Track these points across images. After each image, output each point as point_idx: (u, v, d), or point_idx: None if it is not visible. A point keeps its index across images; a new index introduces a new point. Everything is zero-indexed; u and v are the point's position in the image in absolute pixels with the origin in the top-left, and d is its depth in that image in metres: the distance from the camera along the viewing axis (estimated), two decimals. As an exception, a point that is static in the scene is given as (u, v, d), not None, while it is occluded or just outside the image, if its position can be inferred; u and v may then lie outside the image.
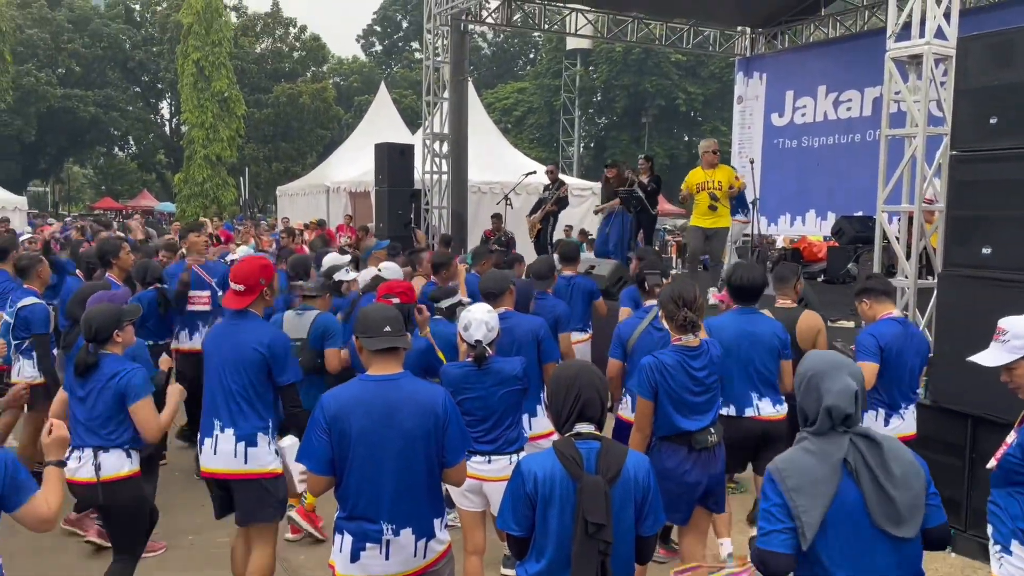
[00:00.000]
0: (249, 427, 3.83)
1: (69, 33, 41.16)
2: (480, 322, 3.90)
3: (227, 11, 37.17)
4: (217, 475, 3.89)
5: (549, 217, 11.73)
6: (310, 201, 22.36)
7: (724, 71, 40.83)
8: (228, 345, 3.88)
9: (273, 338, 3.90)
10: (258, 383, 3.84)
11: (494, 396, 3.90)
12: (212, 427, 3.86)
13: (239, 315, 3.93)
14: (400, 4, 56.02)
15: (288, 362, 3.88)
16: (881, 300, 4.67)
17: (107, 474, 3.85)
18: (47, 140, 41.43)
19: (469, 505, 4.03)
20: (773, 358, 4.47)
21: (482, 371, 3.88)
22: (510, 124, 44.00)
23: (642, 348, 4.75)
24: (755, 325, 4.50)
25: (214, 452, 3.85)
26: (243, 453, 3.81)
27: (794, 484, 2.34)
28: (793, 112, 15.20)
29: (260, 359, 3.81)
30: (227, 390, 3.83)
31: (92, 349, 3.89)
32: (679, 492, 3.74)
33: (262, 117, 41.15)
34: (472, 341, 3.89)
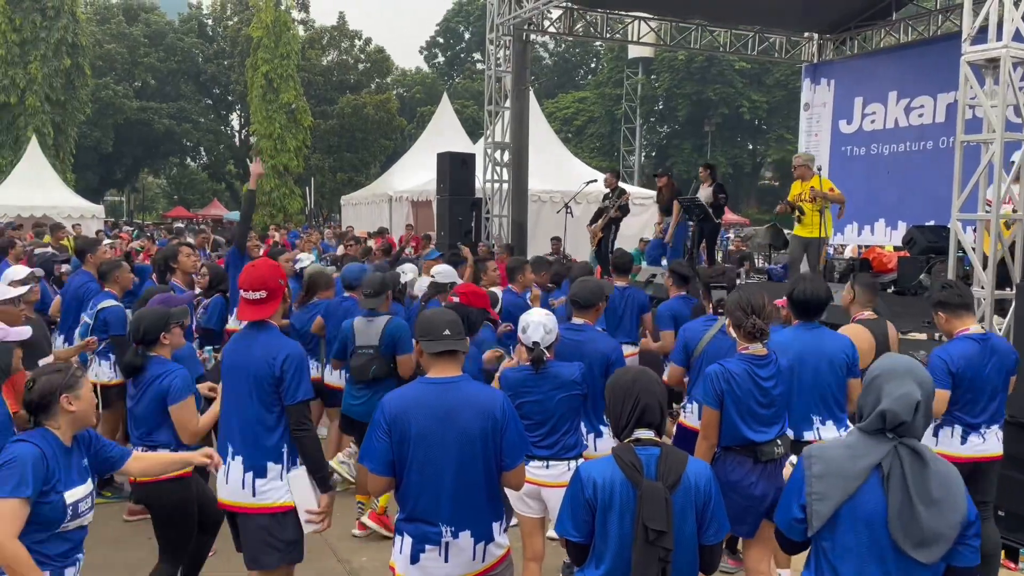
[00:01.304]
0: (260, 455, 3.44)
1: (145, 47, 42.73)
2: (538, 324, 3.86)
3: (295, 24, 38.10)
4: (227, 507, 3.54)
5: (611, 226, 11.66)
6: (373, 210, 22.72)
7: (790, 78, 40.13)
8: (243, 361, 3.49)
9: (290, 352, 3.46)
10: (274, 403, 3.44)
11: (552, 400, 3.86)
12: (226, 453, 3.50)
13: (256, 327, 3.53)
14: (463, 16, 56.62)
15: (302, 379, 3.44)
16: (959, 314, 4.36)
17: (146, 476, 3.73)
18: (123, 151, 43.02)
19: (527, 511, 4.00)
20: (841, 377, 4.23)
21: (540, 375, 3.86)
22: (570, 133, 44.00)
23: (710, 355, 4.69)
24: (822, 341, 4.26)
25: (226, 481, 3.49)
26: (251, 484, 3.43)
27: (818, 470, 2.33)
28: (862, 119, 14.81)
29: (273, 376, 3.40)
30: (240, 412, 3.48)
31: (140, 351, 3.92)
32: (745, 505, 3.65)
33: (327, 128, 41.98)
34: (530, 343, 3.84)
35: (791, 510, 2.39)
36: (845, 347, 4.29)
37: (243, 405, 3.47)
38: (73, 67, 32.13)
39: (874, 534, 2.27)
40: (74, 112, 32.99)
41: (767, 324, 3.68)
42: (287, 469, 3.48)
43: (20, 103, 30.27)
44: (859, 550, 2.29)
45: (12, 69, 30.12)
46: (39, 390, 2.80)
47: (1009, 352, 4.41)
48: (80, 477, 2.85)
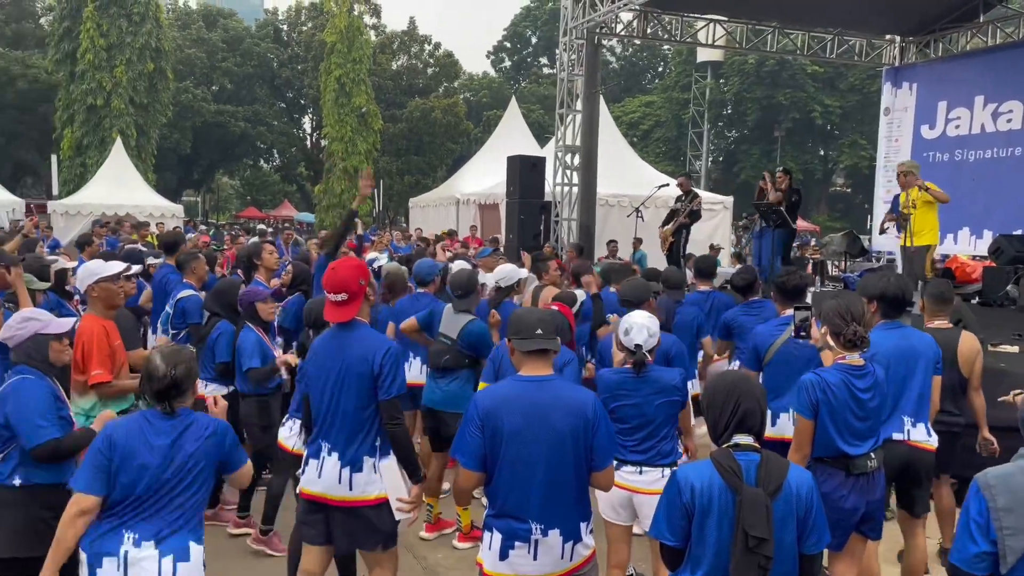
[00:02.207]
0: (356, 450, 3.52)
1: (223, 52, 44.02)
2: (641, 327, 3.82)
3: (367, 30, 38.78)
4: (318, 499, 3.59)
5: (681, 230, 11.54)
6: (440, 212, 22.94)
7: (865, 83, 39.13)
8: (336, 360, 3.53)
9: (389, 348, 3.54)
10: (368, 399, 3.50)
11: (651, 405, 3.81)
12: (319, 449, 3.57)
13: (345, 326, 3.57)
14: (530, 20, 56.79)
15: (397, 375, 3.50)
16: None
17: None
18: (201, 152, 44.39)
19: (616, 518, 3.94)
20: (928, 377, 4.15)
21: (640, 378, 3.80)
22: (636, 138, 43.69)
23: (782, 361, 4.61)
24: (911, 340, 4.17)
25: (318, 475, 3.56)
26: (348, 479, 3.51)
27: (1004, 503, 2.18)
28: (946, 124, 14.33)
29: (370, 373, 3.47)
30: (335, 410, 3.52)
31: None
32: (836, 518, 3.50)
33: (396, 131, 42.56)
34: (632, 346, 3.80)
35: (975, 545, 2.23)
36: (932, 344, 4.22)
37: (338, 402, 3.51)
38: (156, 71, 33.29)
39: None
40: (156, 114, 34.16)
41: (867, 332, 3.58)
42: (379, 461, 3.56)
43: (106, 105, 31.49)
44: None
45: (99, 73, 31.36)
46: (180, 379, 2.92)
47: None
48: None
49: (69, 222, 21.88)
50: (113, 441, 2.84)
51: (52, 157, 28.35)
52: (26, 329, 3.43)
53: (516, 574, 2.96)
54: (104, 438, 2.87)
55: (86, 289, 4.38)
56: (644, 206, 13.26)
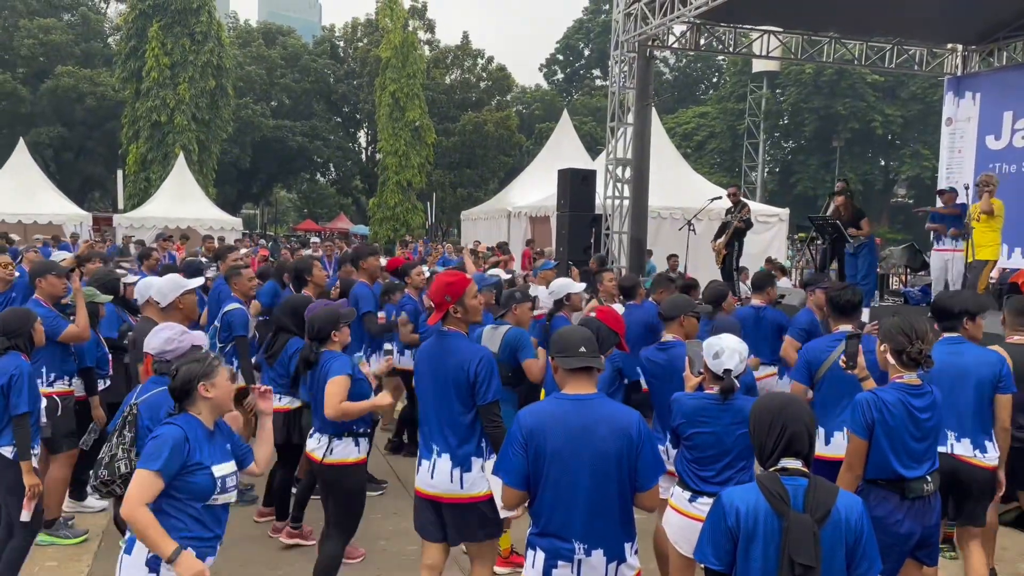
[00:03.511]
0: (464, 452, 3.80)
1: (282, 69, 45.09)
2: (733, 351, 3.63)
3: (421, 45, 39.31)
4: (433, 498, 3.88)
5: (733, 241, 11.38)
6: (492, 225, 23.07)
7: (927, 91, 38.17)
8: (437, 367, 3.84)
9: (481, 357, 3.80)
10: (470, 404, 3.78)
11: (731, 435, 3.59)
12: (430, 450, 3.87)
13: (442, 335, 3.90)
14: (583, 33, 56.86)
15: (493, 381, 3.78)
16: None
17: (336, 458, 4.29)
18: (259, 167, 45.47)
19: (686, 549, 3.69)
20: (981, 394, 4.11)
21: (723, 406, 3.62)
22: (690, 149, 43.31)
23: (835, 378, 4.50)
24: (962, 356, 4.17)
25: (431, 476, 3.85)
26: (459, 478, 3.80)
27: None
28: (1012, 134, 13.87)
29: (467, 380, 3.74)
30: (441, 414, 3.82)
31: (315, 347, 4.36)
32: (890, 543, 3.42)
33: (449, 145, 42.99)
34: (720, 371, 3.62)
35: None
36: (992, 362, 4.18)
37: (444, 407, 3.82)
38: (217, 88, 34.27)
39: None
40: (217, 130, 35.15)
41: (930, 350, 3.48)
42: (485, 461, 3.83)
43: (169, 122, 32.52)
44: None
45: (163, 91, 32.43)
46: (180, 378, 3.04)
47: None
48: (224, 457, 3.10)
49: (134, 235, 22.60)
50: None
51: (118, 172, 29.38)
52: (186, 341, 3.64)
53: (560, 594, 2.93)
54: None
55: (172, 302, 4.55)
56: (696, 219, 13.12)
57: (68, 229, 21.93)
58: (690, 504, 3.66)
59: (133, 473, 3.24)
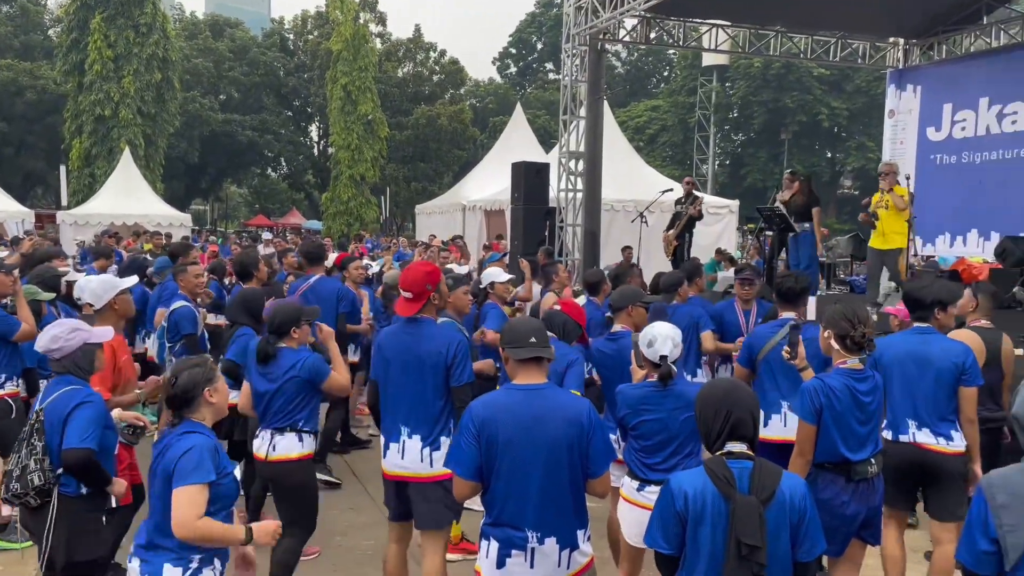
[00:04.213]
0: (435, 431, 3.93)
1: (230, 62, 44.27)
2: (666, 337, 3.69)
3: (373, 38, 38.96)
4: (403, 478, 3.98)
5: (684, 233, 11.51)
6: (447, 219, 22.97)
7: (871, 84, 39.03)
8: (409, 351, 3.94)
9: (459, 341, 3.97)
10: (443, 386, 3.92)
11: (675, 420, 3.64)
12: (399, 432, 3.96)
13: (413, 321, 3.99)
14: (535, 27, 56.92)
15: (467, 364, 3.94)
16: None
17: (279, 455, 4.23)
18: (208, 161, 44.62)
19: (638, 541, 3.70)
20: (944, 385, 4.08)
21: (664, 393, 3.67)
22: (642, 142, 43.66)
23: (772, 362, 4.61)
24: (928, 347, 4.15)
25: (401, 456, 3.95)
26: (429, 457, 3.92)
27: (1003, 500, 2.21)
28: (952, 126, 14.29)
29: (442, 363, 3.88)
30: (411, 396, 3.92)
31: (272, 340, 4.31)
32: (836, 524, 3.53)
33: (402, 138, 42.71)
34: (656, 358, 3.68)
35: (978, 543, 2.26)
36: (956, 353, 4.11)
37: (415, 390, 3.93)
38: (163, 81, 33.51)
39: None
40: (164, 124, 34.37)
41: (872, 334, 3.58)
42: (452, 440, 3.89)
43: (114, 116, 31.70)
44: None
45: (107, 84, 31.59)
46: (184, 385, 2.91)
47: None
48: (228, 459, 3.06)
49: (78, 232, 22.03)
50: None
51: (61, 168, 28.56)
52: (76, 339, 3.49)
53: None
54: None
55: (107, 303, 4.44)
56: (649, 211, 13.25)
57: (10, 227, 21.27)
58: (638, 493, 3.71)
59: (48, 485, 3.20)
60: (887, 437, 4.14)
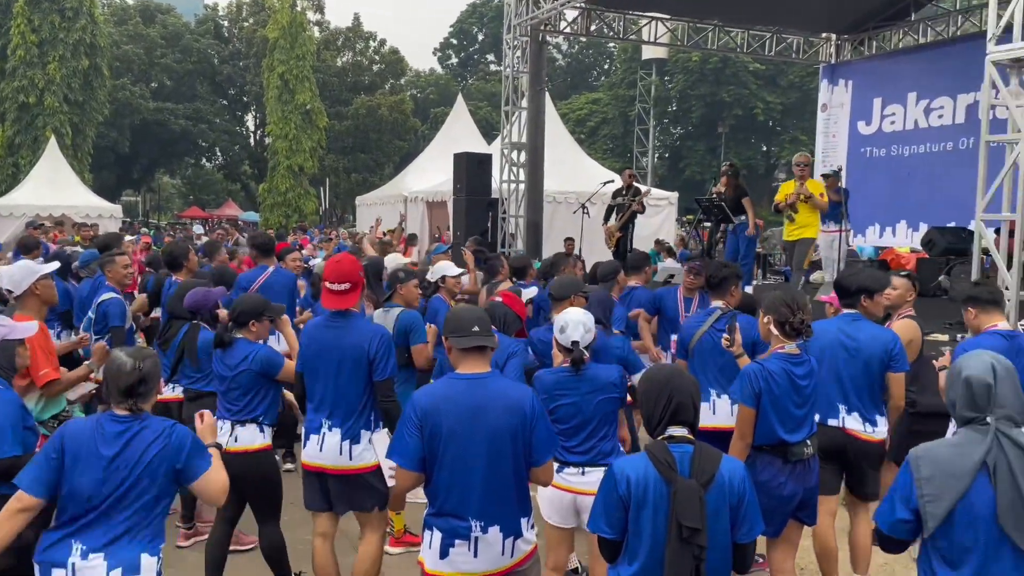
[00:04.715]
0: (356, 425, 3.93)
1: (162, 48, 43.01)
2: (577, 323, 3.72)
3: (311, 26, 38.29)
4: (321, 470, 3.99)
5: (627, 225, 11.61)
6: (388, 210, 22.74)
7: (804, 80, 39.96)
8: (332, 344, 3.92)
9: (383, 335, 3.98)
10: (365, 380, 3.92)
11: (590, 403, 3.71)
12: (320, 425, 3.96)
13: (339, 314, 3.96)
14: (476, 17, 56.73)
15: (391, 358, 3.94)
16: (988, 310, 4.39)
17: (240, 445, 4.19)
18: (140, 151, 43.33)
19: (559, 521, 3.86)
20: (871, 372, 4.18)
21: (578, 377, 3.73)
22: (583, 135, 43.94)
23: (704, 349, 4.69)
24: (858, 333, 4.24)
25: (320, 449, 3.96)
26: (348, 450, 3.92)
27: (927, 473, 2.36)
28: (881, 120, 14.74)
29: (364, 357, 3.87)
30: (337, 390, 3.92)
31: (230, 328, 4.31)
32: (774, 505, 3.61)
33: (342, 129, 42.14)
34: (568, 343, 3.70)
35: (896, 512, 2.42)
36: (886, 341, 4.21)
37: (339, 384, 3.92)
38: (91, 68, 32.40)
39: (990, 531, 2.31)
40: (92, 112, 33.25)
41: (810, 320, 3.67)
42: (373, 434, 3.99)
43: (39, 103, 30.54)
44: (976, 548, 2.32)
45: (31, 70, 30.40)
46: (153, 372, 2.86)
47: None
48: None
49: (2, 224, 21.17)
50: (64, 445, 2.77)
51: (-18, 157, 27.36)
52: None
53: (457, 572, 2.94)
54: (58, 438, 2.80)
55: (28, 288, 4.28)
56: (590, 202, 13.33)
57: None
58: (557, 475, 3.71)
59: None
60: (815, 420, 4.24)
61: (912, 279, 5.29)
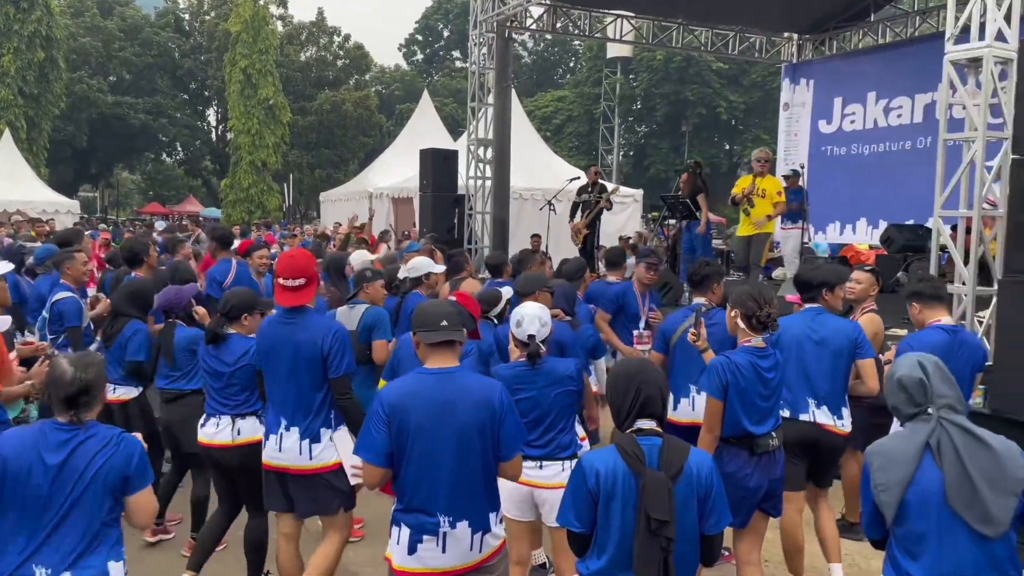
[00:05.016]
0: (314, 424, 3.86)
1: (120, 41, 42.19)
2: (533, 317, 3.73)
3: (274, 20, 37.84)
4: (281, 469, 3.92)
5: (594, 222, 11.67)
6: (353, 207, 22.52)
7: (767, 79, 40.47)
8: (286, 341, 3.85)
9: (337, 331, 3.89)
10: (321, 378, 3.85)
11: (547, 397, 3.70)
12: (278, 424, 3.89)
13: (294, 311, 3.88)
14: (442, 14, 56.52)
15: (346, 354, 3.87)
16: (931, 305, 4.47)
17: (244, 438, 4.20)
18: (98, 146, 42.46)
19: (517, 515, 3.85)
20: (838, 364, 4.25)
21: (535, 370, 3.71)
22: (549, 132, 44.01)
23: (684, 347, 4.73)
24: (822, 327, 4.29)
25: (279, 448, 3.89)
26: (307, 450, 3.85)
27: (877, 463, 2.46)
28: (842, 119, 14.98)
29: (318, 354, 3.80)
30: (292, 388, 3.85)
31: (222, 322, 4.29)
32: (740, 496, 3.65)
33: (306, 124, 41.72)
34: (524, 337, 3.72)
35: (864, 510, 2.53)
36: (849, 331, 4.29)
37: (294, 382, 3.85)
38: (47, 60, 31.70)
39: (942, 516, 2.37)
40: (48, 106, 32.54)
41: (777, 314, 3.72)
42: (334, 432, 3.91)
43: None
44: (931, 534, 2.39)
45: (-16, 62, 29.66)
46: (99, 381, 2.79)
47: (978, 347, 4.50)
48: None
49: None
50: (4, 456, 2.65)
51: (-67, 150, 26.56)
52: None
53: (425, 568, 2.93)
54: None
55: None
56: (557, 199, 13.36)
57: None
58: None
59: None
60: (786, 415, 4.26)
61: (876, 274, 5.39)
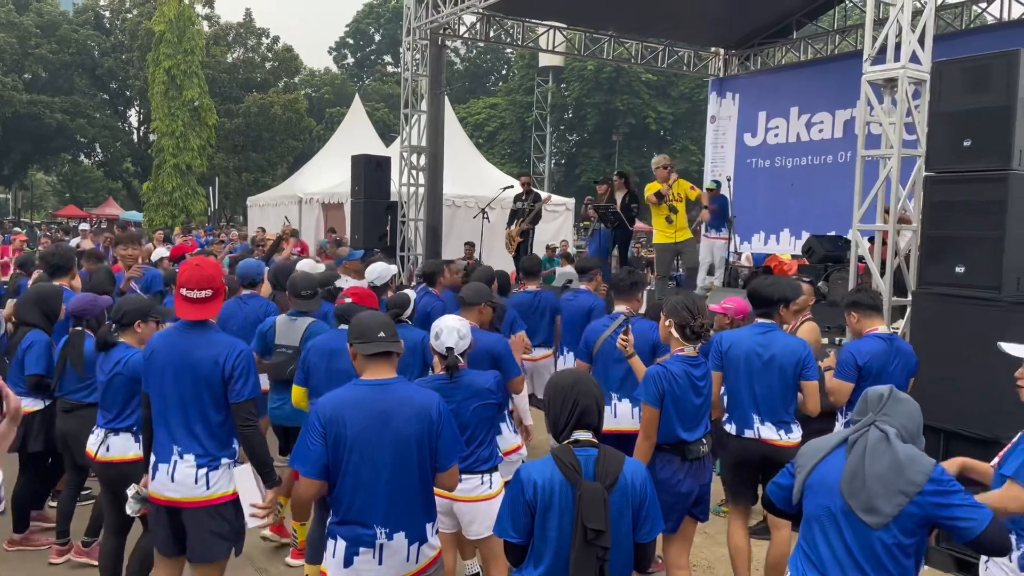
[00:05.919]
0: (212, 452, 3.48)
1: (36, 38, 40.47)
2: (451, 329, 3.69)
3: (199, 20, 36.87)
4: (174, 503, 3.49)
5: (529, 230, 11.75)
6: (281, 212, 22.09)
7: (694, 91, 41.47)
8: (183, 359, 3.44)
9: (241, 350, 3.49)
10: (220, 399, 3.46)
11: (466, 410, 3.67)
12: (170, 452, 3.46)
13: (194, 325, 3.49)
14: (373, 18, 56.06)
15: (251, 377, 3.46)
16: (869, 315, 4.64)
17: (112, 455, 4.09)
18: (11, 146, 40.63)
19: (440, 526, 3.75)
20: (786, 380, 4.22)
21: (453, 383, 3.65)
22: (482, 139, 44.11)
23: (607, 354, 4.82)
24: (772, 344, 4.26)
25: (171, 479, 3.45)
26: (204, 478, 3.45)
27: (803, 451, 2.69)
28: (766, 133, 15.43)
29: (218, 374, 3.41)
30: (187, 411, 3.44)
31: (113, 329, 4.16)
32: (673, 502, 3.75)
33: (233, 127, 40.79)
34: (443, 350, 3.67)
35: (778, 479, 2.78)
36: (797, 350, 4.25)
37: (190, 405, 3.45)
38: (-45, 55, 30.20)
39: (833, 499, 2.51)
40: (-44, 103, 30.98)
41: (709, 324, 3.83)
42: (234, 465, 3.56)
43: None
44: (819, 514, 2.55)
45: None
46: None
47: (911, 355, 4.71)
48: None
49: None
50: None
51: None
52: None
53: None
54: None
55: None
56: (490, 207, 13.40)
57: None
58: None
59: None
60: (731, 432, 4.33)
61: (814, 285, 5.57)
